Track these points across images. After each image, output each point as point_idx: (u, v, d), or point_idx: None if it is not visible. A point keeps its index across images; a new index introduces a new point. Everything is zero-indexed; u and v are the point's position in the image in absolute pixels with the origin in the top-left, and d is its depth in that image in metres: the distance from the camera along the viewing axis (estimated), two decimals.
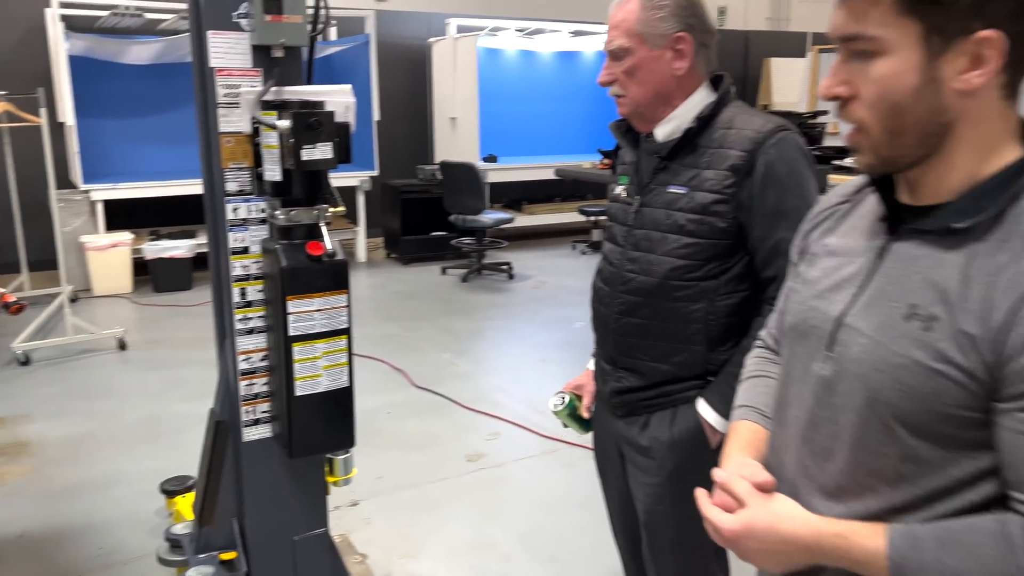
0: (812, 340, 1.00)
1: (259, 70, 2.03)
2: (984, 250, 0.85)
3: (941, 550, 0.84)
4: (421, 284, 6.77)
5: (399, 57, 8.34)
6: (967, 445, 0.86)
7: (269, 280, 2.04)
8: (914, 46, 0.85)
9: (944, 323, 0.85)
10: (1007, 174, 0.87)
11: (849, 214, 1.05)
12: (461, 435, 3.73)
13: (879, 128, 0.89)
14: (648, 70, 1.52)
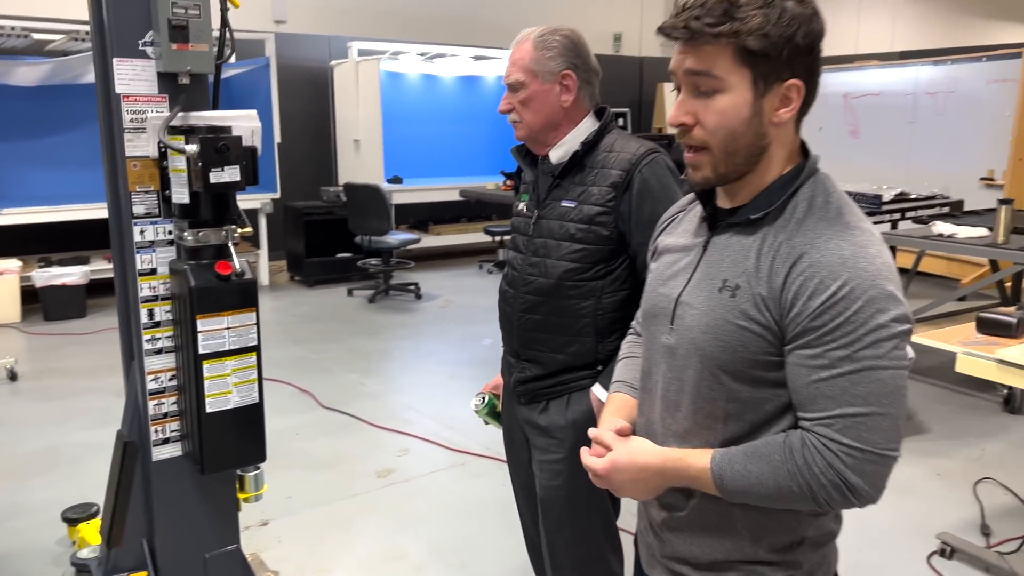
0: (660, 318, 1.26)
1: (165, 96, 2.08)
2: (771, 232, 1.13)
3: (747, 461, 1.12)
4: (327, 306, 6.76)
5: (300, 80, 8.32)
6: (774, 383, 1.13)
7: (178, 300, 2.07)
8: (747, 88, 1.10)
9: (745, 290, 1.12)
10: (788, 177, 1.16)
11: (683, 220, 1.32)
12: (371, 453, 3.79)
13: (719, 149, 1.13)
14: (540, 101, 1.80)
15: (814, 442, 1.07)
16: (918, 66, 7.38)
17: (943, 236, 4.37)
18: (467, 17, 9.96)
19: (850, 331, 1.05)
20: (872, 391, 1.05)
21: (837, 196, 1.15)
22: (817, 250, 1.08)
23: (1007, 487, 3.36)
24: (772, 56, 1.08)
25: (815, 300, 1.06)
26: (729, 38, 1.08)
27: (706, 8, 1.08)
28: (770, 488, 1.10)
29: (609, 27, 11.43)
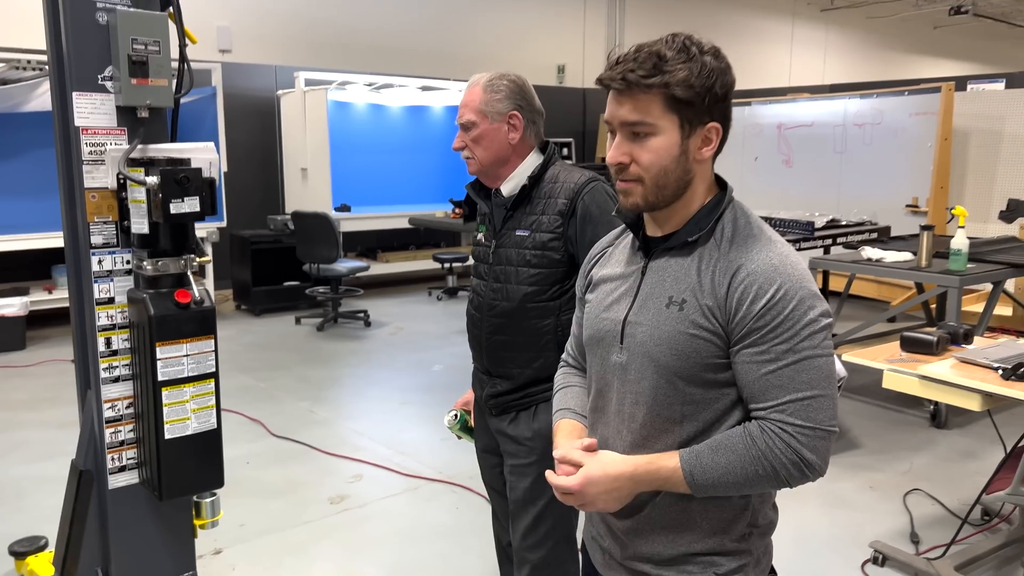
0: (607, 341, 1.38)
1: (123, 129, 2.12)
2: (706, 252, 1.30)
3: (713, 454, 1.26)
4: (275, 335, 6.74)
5: (247, 109, 8.33)
6: (723, 383, 1.29)
7: (137, 328, 2.11)
8: (675, 130, 1.28)
9: (692, 303, 1.28)
10: (711, 205, 1.34)
11: (613, 253, 1.47)
12: (323, 479, 3.81)
13: (651, 183, 1.30)
14: (490, 139, 1.99)
15: (771, 427, 1.23)
16: (846, 99, 7.74)
17: (872, 260, 4.60)
18: (414, 48, 10.10)
19: (789, 327, 1.22)
20: (813, 377, 1.22)
21: (754, 218, 1.34)
22: (751, 261, 1.26)
23: (934, 498, 3.55)
24: (695, 103, 1.26)
25: (757, 304, 1.23)
26: (659, 88, 1.24)
27: (639, 62, 1.25)
28: (738, 475, 1.24)
29: (553, 59, 11.71)
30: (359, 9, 9.74)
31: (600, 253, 1.53)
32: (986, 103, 7.29)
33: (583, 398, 1.52)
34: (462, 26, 10.62)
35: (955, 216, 4.38)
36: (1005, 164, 7.07)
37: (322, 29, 9.43)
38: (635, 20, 12.73)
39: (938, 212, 6.75)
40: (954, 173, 7.16)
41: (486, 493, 3.51)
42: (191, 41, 2.28)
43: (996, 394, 2.58)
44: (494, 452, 2.19)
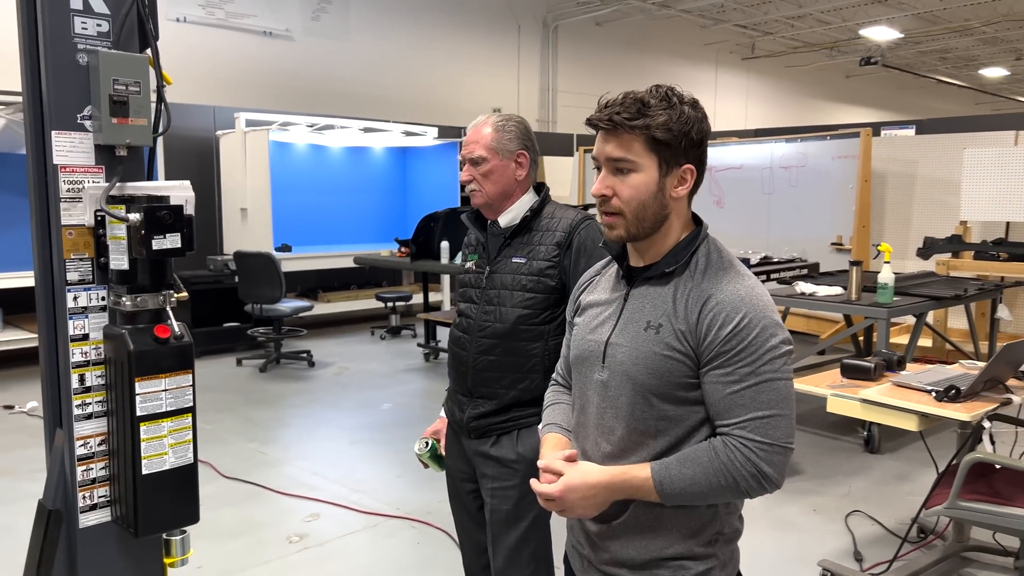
0: (591, 361, 1.51)
1: (101, 167, 2.15)
2: (681, 282, 1.44)
3: (681, 466, 1.38)
4: (216, 376, 6.63)
5: (185, 149, 8.25)
6: (693, 401, 1.41)
7: (114, 364, 2.11)
8: (654, 169, 1.42)
9: (667, 327, 1.41)
10: (688, 240, 1.48)
11: (600, 281, 1.61)
12: (280, 519, 3.77)
13: (632, 216, 1.44)
14: (499, 174, 2.12)
15: (733, 443, 1.36)
16: (772, 143, 8.15)
17: (805, 295, 4.85)
18: (355, 91, 10.21)
19: (752, 352, 1.36)
20: (773, 398, 1.36)
21: (726, 253, 1.48)
22: (720, 291, 1.40)
23: (873, 518, 3.73)
24: (673, 146, 1.41)
25: (724, 330, 1.36)
26: (641, 130, 1.39)
27: (624, 106, 1.42)
28: (703, 485, 1.36)
29: (489, 102, 11.96)
30: (299, 52, 9.82)
31: (588, 281, 1.66)
32: (900, 148, 7.78)
33: (569, 414, 1.65)
34: (401, 70, 10.79)
35: (881, 252, 4.67)
36: (919, 204, 7.54)
37: (263, 71, 9.47)
38: (567, 66, 13.14)
39: (861, 249, 7.13)
40: (874, 212, 7.59)
41: (446, 527, 3.56)
42: (167, 82, 2.33)
43: (931, 414, 2.77)
44: (469, 479, 2.23)
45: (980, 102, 21.84)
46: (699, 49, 15.18)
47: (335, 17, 10.24)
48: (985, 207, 6.39)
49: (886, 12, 13.57)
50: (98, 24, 2.12)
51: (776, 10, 13.53)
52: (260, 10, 9.56)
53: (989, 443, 2.75)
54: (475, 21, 11.76)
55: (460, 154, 2.22)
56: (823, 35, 15.41)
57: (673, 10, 13.44)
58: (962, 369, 3.23)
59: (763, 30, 14.99)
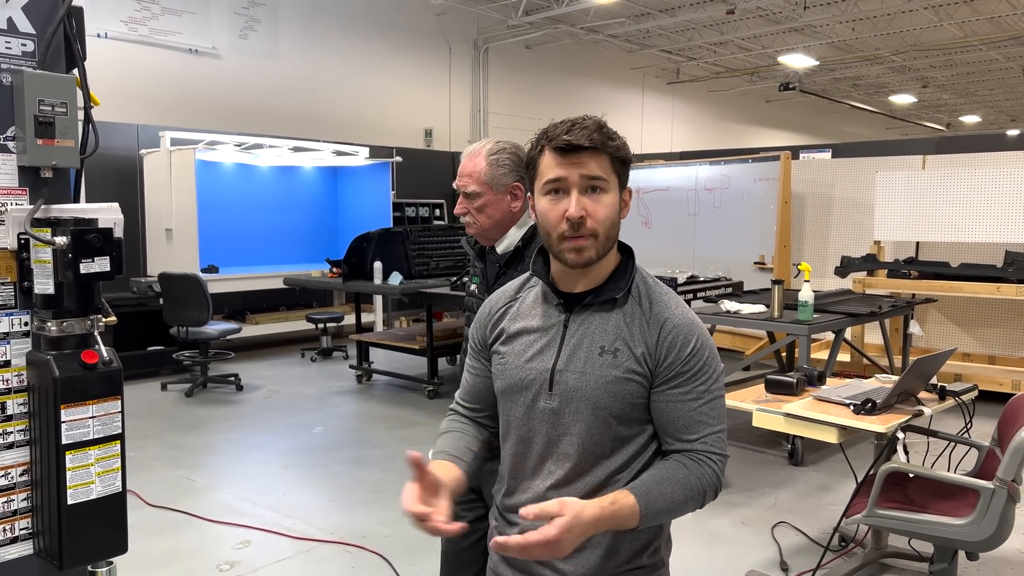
0: (532, 390, 1.50)
1: (25, 189, 2.10)
2: (628, 308, 1.49)
3: (660, 486, 1.41)
4: (140, 402, 6.43)
5: (107, 168, 8.00)
6: (642, 421, 1.48)
7: (38, 391, 2.05)
8: (616, 190, 1.48)
9: (624, 351, 1.45)
10: (623, 266, 1.52)
11: (521, 306, 1.59)
12: (209, 548, 3.68)
13: (604, 236, 1.45)
14: (494, 207, 2.13)
15: (703, 457, 1.44)
16: (697, 165, 8.40)
17: (730, 312, 5.01)
18: (284, 110, 10.11)
19: (707, 371, 1.45)
20: (721, 413, 1.47)
21: (653, 278, 1.56)
22: (674, 316, 1.48)
23: (798, 528, 3.86)
24: (626, 168, 1.49)
25: (684, 351, 1.45)
26: (613, 151, 1.46)
27: (593, 129, 1.45)
28: (678, 503, 1.41)
29: (420, 123, 12.00)
30: (226, 70, 9.68)
31: (504, 307, 1.62)
32: (817, 171, 8.12)
33: (460, 442, 1.59)
34: (332, 89, 10.74)
35: (801, 271, 4.86)
36: (837, 225, 7.87)
37: (189, 89, 9.30)
38: (497, 88, 13.28)
39: (783, 268, 7.40)
40: (795, 233, 7.89)
41: (381, 551, 3.53)
42: (94, 103, 2.29)
43: (849, 427, 2.90)
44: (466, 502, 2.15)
45: (890, 127, 22.94)
46: (626, 73, 15.55)
47: (263, 36, 10.14)
48: (896, 227, 6.72)
49: (802, 40, 14.17)
50: (23, 44, 2.08)
51: (699, 36, 13.98)
52: (185, 27, 9.39)
53: (903, 453, 2.89)
54: (407, 42, 11.79)
55: (455, 183, 2.19)
56: (744, 61, 15.98)
57: (601, 35, 13.76)
58: (878, 383, 3.39)
59: (687, 55, 15.46)
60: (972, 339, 6.95)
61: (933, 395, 3.15)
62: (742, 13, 12.46)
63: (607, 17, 12.72)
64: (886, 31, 13.57)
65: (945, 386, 3.16)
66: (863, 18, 12.78)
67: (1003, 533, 2.65)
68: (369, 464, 4.78)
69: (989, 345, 6.88)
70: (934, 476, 2.77)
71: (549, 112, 14.07)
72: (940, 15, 12.62)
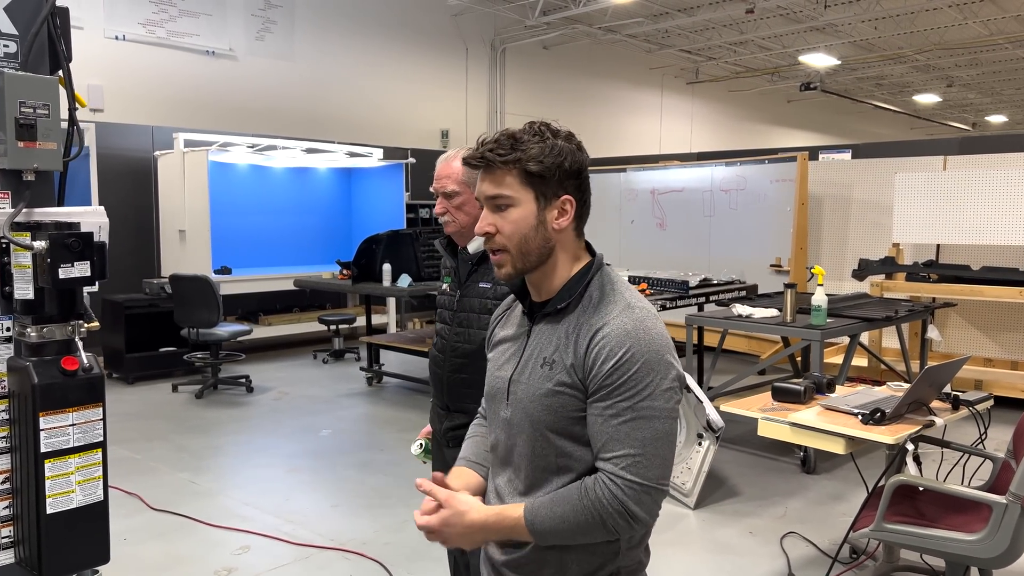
0: (498, 398, 1.51)
1: (7, 192, 2.07)
2: (574, 317, 1.44)
3: (552, 505, 1.37)
4: (150, 403, 6.44)
5: (122, 170, 8.06)
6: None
7: (18, 398, 2.01)
8: (532, 202, 1.43)
9: (559, 363, 1.41)
10: (581, 273, 1.47)
11: (510, 316, 1.61)
12: (208, 553, 3.65)
13: (515, 250, 1.44)
14: (472, 205, 2.19)
15: (603, 479, 1.34)
16: (713, 166, 8.29)
17: (742, 317, 4.91)
18: (299, 111, 10.11)
19: (631, 387, 1.34)
20: (648, 436, 1.34)
21: (620, 284, 1.48)
22: (608, 325, 1.39)
23: (808, 539, 3.77)
24: (547, 178, 1.42)
25: (608, 363, 1.35)
26: (513, 164, 1.41)
27: (498, 143, 1.43)
28: (572, 524, 1.35)
29: (437, 124, 11.97)
30: (242, 72, 9.70)
31: (501, 315, 1.66)
32: (836, 171, 7.98)
33: (480, 446, 1.66)
34: (347, 90, 10.73)
35: (814, 275, 4.75)
36: (855, 227, 7.73)
37: (205, 90, 9.32)
38: (515, 88, 13.22)
39: (799, 271, 7.27)
40: (812, 235, 7.76)
41: (380, 558, 3.48)
42: (80, 104, 2.26)
43: (857, 437, 2.81)
44: None
45: (915, 127, 22.61)
46: (645, 73, 15.42)
47: (279, 37, 10.15)
48: (916, 230, 6.57)
49: (824, 40, 13.98)
50: (4, 45, 2.05)
51: (719, 36, 13.84)
52: (203, 29, 9.42)
53: (914, 465, 2.80)
54: (424, 43, 11.77)
55: (432, 187, 2.29)
56: (764, 61, 15.80)
57: (619, 35, 13.65)
58: (889, 391, 3.29)
59: (707, 55, 15.31)
60: (994, 344, 6.80)
61: (946, 404, 3.05)
62: (762, 12, 12.31)
63: (625, 17, 12.62)
64: (909, 29, 13.35)
65: (959, 395, 3.06)
66: (885, 16, 12.58)
67: (1017, 549, 2.55)
68: (375, 469, 4.74)
69: (1011, 350, 6.72)
70: (944, 490, 2.67)
71: (567, 112, 14.03)
72: (964, 13, 12.39)
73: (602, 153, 13.12)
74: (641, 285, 5.75)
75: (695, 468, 4.11)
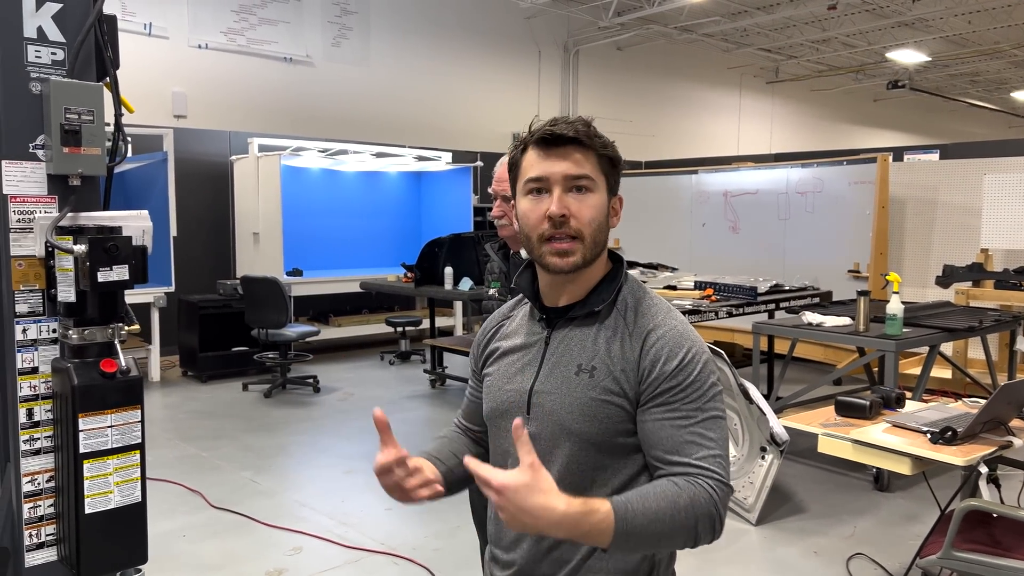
0: (512, 413, 1.36)
1: (54, 197, 2.11)
2: (610, 322, 1.34)
3: (643, 500, 1.20)
4: (220, 402, 6.60)
5: (200, 174, 8.33)
6: (632, 449, 1.30)
7: (60, 399, 2.06)
8: (604, 192, 1.36)
9: (601, 370, 1.29)
10: (611, 277, 1.39)
11: (510, 325, 1.49)
12: (261, 552, 3.70)
13: (590, 239, 1.33)
14: None
15: (698, 478, 1.23)
16: (788, 168, 8.01)
17: (812, 325, 4.71)
18: (369, 115, 10.25)
19: (699, 387, 1.27)
20: (719, 436, 1.27)
21: (648, 289, 1.41)
22: (660, 326, 1.31)
23: (877, 562, 3.56)
24: (615, 170, 1.37)
25: (670, 364, 1.27)
26: (599, 148, 1.33)
27: (578, 124, 1.33)
28: (665, 524, 1.18)
29: (507, 127, 11.95)
30: (318, 78, 9.89)
31: (495, 327, 1.53)
32: (921, 173, 7.60)
33: (446, 447, 1.51)
34: (418, 95, 10.82)
35: (890, 282, 4.51)
36: (940, 231, 7.34)
37: (280, 96, 9.54)
38: (587, 91, 13.11)
39: (878, 277, 6.94)
40: (892, 240, 7.41)
41: (429, 564, 3.46)
42: (128, 110, 2.30)
43: (924, 457, 2.63)
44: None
45: (1013, 125, 21.43)
46: (722, 73, 15.07)
47: (355, 43, 10.31)
48: (1007, 234, 6.19)
49: (913, 35, 13.38)
50: (52, 52, 2.10)
51: (800, 34, 13.41)
52: (281, 36, 9.65)
53: (988, 488, 2.60)
54: (496, 46, 11.78)
55: (491, 189, 2.29)
56: (849, 58, 15.24)
57: (695, 34, 13.37)
58: (964, 408, 3.08)
59: (787, 54, 14.87)
60: None
61: None
62: (846, 8, 11.86)
63: (702, 16, 12.35)
64: (1006, 23, 12.65)
65: None
66: (980, 10, 11.95)
67: None
68: None
69: None
70: (1021, 517, 2.47)
71: (641, 114, 13.84)
72: None
73: (678, 155, 12.88)
74: (707, 291, 5.58)
75: (757, 483, 3.95)
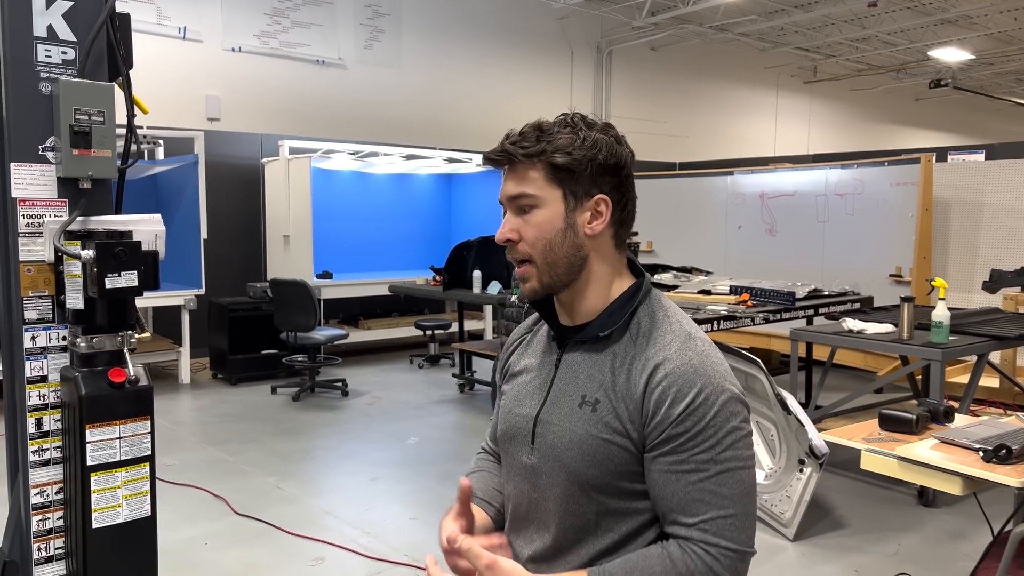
0: (519, 440, 1.26)
1: (64, 200, 2.05)
2: (620, 349, 1.20)
3: (626, 574, 1.08)
4: (249, 405, 6.58)
5: (231, 176, 8.34)
6: (642, 495, 1.15)
7: (68, 408, 2.00)
8: (559, 202, 1.22)
9: (605, 404, 1.16)
10: (625, 296, 1.25)
11: (531, 341, 1.36)
12: (283, 562, 3.63)
13: (540, 260, 1.21)
14: None
15: (693, 548, 1.10)
16: (827, 169, 7.79)
17: (853, 332, 4.53)
18: (400, 118, 10.21)
19: (711, 435, 1.11)
20: (736, 492, 1.11)
21: (674, 310, 1.24)
22: (670, 361, 1.14)
23: None
24: (577, 172, 1.21)
25: (676, 407, 1.11)
26: (538, 157, 1.20)
27: (523, 136, 1.22)
28: None
29: None
30: (350, 80, 9.87)
31: (518, 341, 1.44)
32: (966, 174, 7.34)
33: (489, 483, 1.44)
34: (450, 96, 10.76)
35: (935, 288, 4.32)
36: (987, 234, 7.08)
37: (312, 99, 9.53)
38: (621, 92, 12.95)
39: (921, 282, 6.70)
40: (937, 243, 7.16)
41: None
42: (142, 111, 2.23)
43: (977, 478, 2.46)
44: None
45: None
46: (759, 73, 14.80)
47: (387, 45, 10.27)
48: None
49: (956, 33, 13.02)
50: (63, 51, 2.04)
51: (839, 32, 13.12)
52: (314, 39, 9.64)
53: None
54: (529, 47, 11.68)
55: None
56: (889, 57, 14.88)
57: (731, 34, 13.14)
58: (1018, 423, 2.90)
59: (826, 53, 14.56)
60: None
61: None
62: (886, 5, 11.57)
63: (737, 15, 12.13)
64: None
65: None
66: None
67: None
68: (456, 481, 4.61)
69: None
70: None
71: (675, 115, 13.64)
72: None
73: (713, 156, 12.67)
74: (743, 296, 5.41)
75: (795, 496, 3.79)
